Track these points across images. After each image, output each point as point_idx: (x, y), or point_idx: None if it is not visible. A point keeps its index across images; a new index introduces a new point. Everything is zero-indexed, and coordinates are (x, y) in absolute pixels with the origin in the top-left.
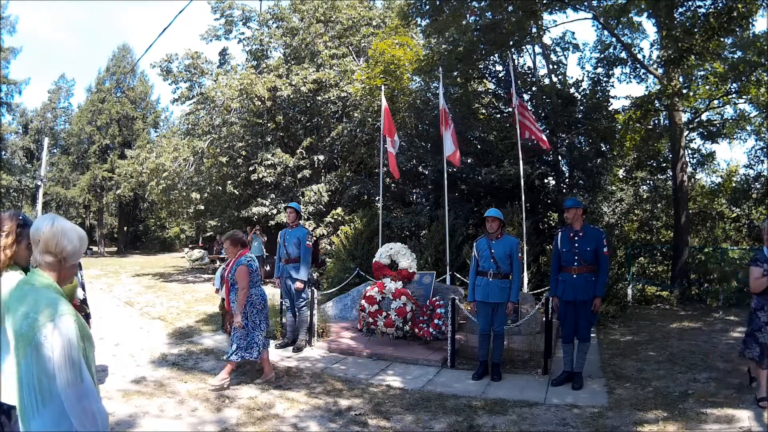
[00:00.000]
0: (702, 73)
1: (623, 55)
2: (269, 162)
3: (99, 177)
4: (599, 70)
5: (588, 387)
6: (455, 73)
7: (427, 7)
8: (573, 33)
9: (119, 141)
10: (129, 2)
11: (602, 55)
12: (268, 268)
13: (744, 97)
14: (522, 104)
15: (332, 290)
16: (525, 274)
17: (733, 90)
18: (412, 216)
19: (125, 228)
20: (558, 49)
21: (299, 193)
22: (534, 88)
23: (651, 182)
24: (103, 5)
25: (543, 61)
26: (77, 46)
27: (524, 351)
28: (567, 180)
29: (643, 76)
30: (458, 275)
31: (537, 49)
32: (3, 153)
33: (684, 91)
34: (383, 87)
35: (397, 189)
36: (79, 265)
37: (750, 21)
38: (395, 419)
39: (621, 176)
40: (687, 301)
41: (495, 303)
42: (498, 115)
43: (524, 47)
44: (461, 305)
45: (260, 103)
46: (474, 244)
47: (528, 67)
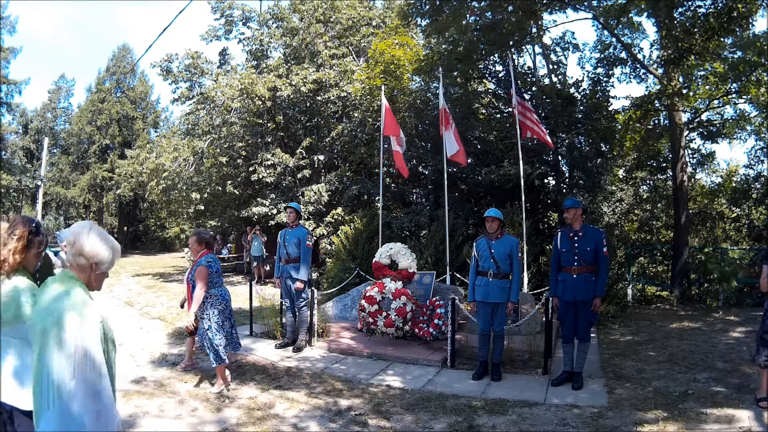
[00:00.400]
0: (702, 73)
1: (623, 55)
2: (269, 162)
3: (99, 177)
4: (599, 70)
5: (588, 387)
6: (455, 73)
7: (427, 7)
8: (573, 33)
9: (119, 141)
10: (129, 2)
11: (602, 55)
12: (268, 268)
13: (744, 97)
14: (522, 103)
15: (332, 290)
16: (525, 274)
17: (733, 90)
18: (412, 216)
19: (125, 228)
20: (558, 49)
21: (299, 193)
22: (534, 88)
23: (651, 182)
24: (103, 5)
25: (543, 61)
26: (77, 46)
27: (524, 351)
28: (567, 180)
29: (643, 76)
30: (458, 275)
31: (537, 49)
32: (3, 153)
33: (684, 91)
34: (383, 87)
35: (397, 189)
36: None
37: (750, 21)
38: (395, 419)
39: (621, 176)
40: (687, 301)
41: (495, 303)
42: (498, 115)
43: (524, 47)
44: (461, 305)
45: (260, 103)
46: (474, 244)
47: (528, 67)
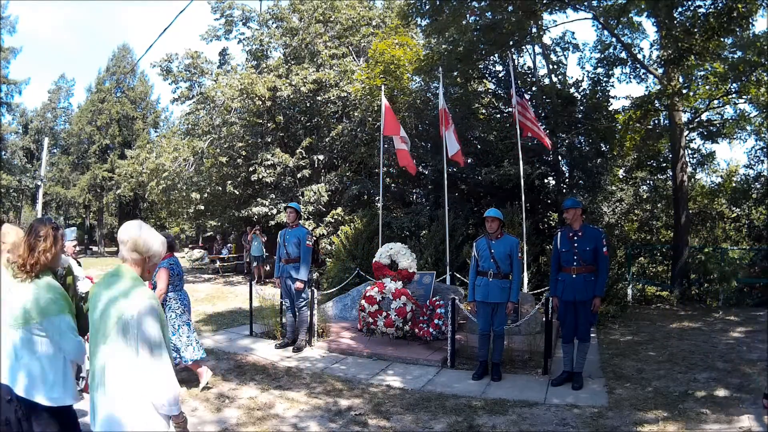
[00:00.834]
0: (702, 73)
1: (623, 55)
2: (269, 162)
3: (99, 177)
4: (599, 70)
5: (588, 387)
6: (455, 73)
7: (427, 7)
8: (573, 33)
9: (119, 141)
10: (129, 2)
11: (602, 55)
12: (268, 268)
13: (744, 97)
14: (522, 103)
15: (332, 290)
16: (525, 274)
17: (733, 90)
18: (412, 216)
19: None
20: (558, 49)
21: (299, 193)
22: (534, 88)
23: (651, 182)
24: (103, 5)
25: (543, 61)
26: (77, 46)
27: (524, 351)
28: (567, 180)
29: (643, 76)
30: (458, 275)
31: (537, 49)
32: (3, 153)
33: (684, 91)
34: (383, 87)
35: (397, 189)
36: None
37: (750, 21)
38: (395, 419)
39: (621, 176)
40: (687, 301)
41: (495, 303)
42: (498, 115)
43: (524, 47)
44: (461, 305)
45: (260, 103)
46: (474, 244)
47: (528, 67)
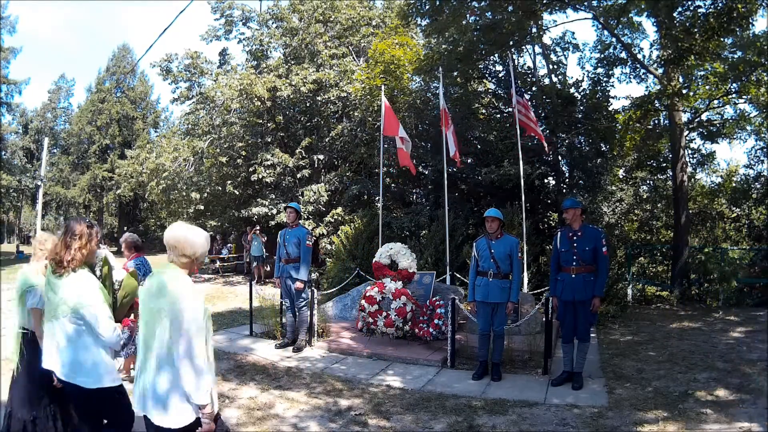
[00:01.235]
0: (702, 73)
1: (623, 55)
2: (269, 162)
3: (99, 177)
4: (599, 70)
5: (588, 387)
6: (455, 73)
7: (427, 7)
8: (573, 33)
9: (119, 141)
10: (129, 2)
11: (602, 55)
12: (268, 268)
13: (744, 97)
14: (523, 102)
15: (332, 290)
16: (525, 274)
17: (733, 90)
18: (412, 216)
19: (125, 228)
20: (558, 49)
21: (299, 193)
22: (534, 88)
23: (651, 182)
24: (103, 5)
25: (543, 61)
26: (77, 46)
27: (524, 351)
28: (567, 180)
29: (643, 76)
30: (458, 275)
31: (537, 49)
32: (3, 153)
33: (684, 91)
34: (383, 87)
35: (397, 189)
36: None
37: (750, 21)
38: (395, 419)
39: (621, 176)
40: (687, 301)
41: (495, 303)
42: (498, 115)
43: (524, 47)
44: (461, 305)
45: (260, 103)
46: (474, 244)
47: (528, 67)
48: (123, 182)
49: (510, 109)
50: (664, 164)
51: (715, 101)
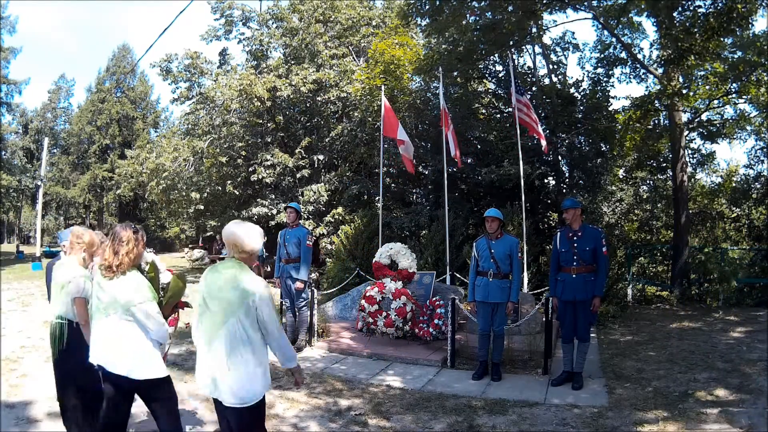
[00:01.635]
0: (702, 73)
1: (623, 55)
2: (269, 162)
3: (99, 177)
4: (599, 70)
5: (588, 387)
6: (455, 73)
7: (427, 7)
8: (573, 33)
9: (119, 141)
10: (129, 2)
11: (602, 55)
12: (269, 269)
13: (744, 97)
14: (522, 101)
15: (332, 290)
16: (525, 274)
17: (733, 90)
18: (412, 216)
19: None
20: (558, 49)
21: (299, 193)
22: (534, 88)
23: (651, 182)
24: (103, 5)
25: (543, 61)
26: (77, 46)
27: (524, 351)
28: (567, 180)
29: (643, 76)
30: (458, 275)
31: (537, 49)
32: (3, 153)
33: (684, 91)
34: (383, 87)
35: (397, 189)
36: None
37: (750, 21)
38: (395, 419)
39: (621, 176)
40: (687, 301)
41: (495, 303)
42: (498, 115)
43: (524, 47)
44: (461, 305)
45: (260, 104)
46: (474, 244)
47: (528, 67)
48: (123, 182)
49: (510, 109)
50: (664, 164)
51: (715, 101)
